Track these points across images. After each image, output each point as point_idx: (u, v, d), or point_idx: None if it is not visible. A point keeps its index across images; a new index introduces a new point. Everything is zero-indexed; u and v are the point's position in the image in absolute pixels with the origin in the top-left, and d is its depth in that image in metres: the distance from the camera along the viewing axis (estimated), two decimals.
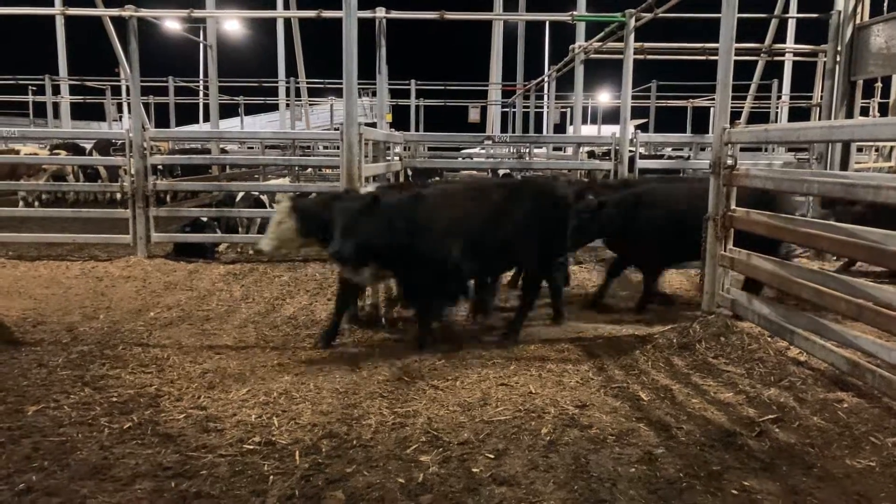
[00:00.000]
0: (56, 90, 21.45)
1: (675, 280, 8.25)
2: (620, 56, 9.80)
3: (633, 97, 10.77)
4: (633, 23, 9.40)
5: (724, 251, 5.69)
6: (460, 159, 17.07)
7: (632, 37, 9.48)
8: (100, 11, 14.13)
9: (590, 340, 5.80)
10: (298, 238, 5.58)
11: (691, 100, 22.53)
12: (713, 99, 18.86)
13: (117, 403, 4.24)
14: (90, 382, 4.59)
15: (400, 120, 21.62)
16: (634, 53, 9.69)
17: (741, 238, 5.68)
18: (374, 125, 9.99)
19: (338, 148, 13.30)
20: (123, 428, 3.89)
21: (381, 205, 5.02)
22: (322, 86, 24.91)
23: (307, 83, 24.83)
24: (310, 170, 16.68)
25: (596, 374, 4.94)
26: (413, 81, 20.76)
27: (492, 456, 3.59)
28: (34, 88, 23.51)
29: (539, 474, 3.40)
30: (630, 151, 9.66)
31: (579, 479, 3.36)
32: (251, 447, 3.69)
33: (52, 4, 12.12)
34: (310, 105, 26.71)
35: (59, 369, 4.85)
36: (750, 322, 5.43)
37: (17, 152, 13.43)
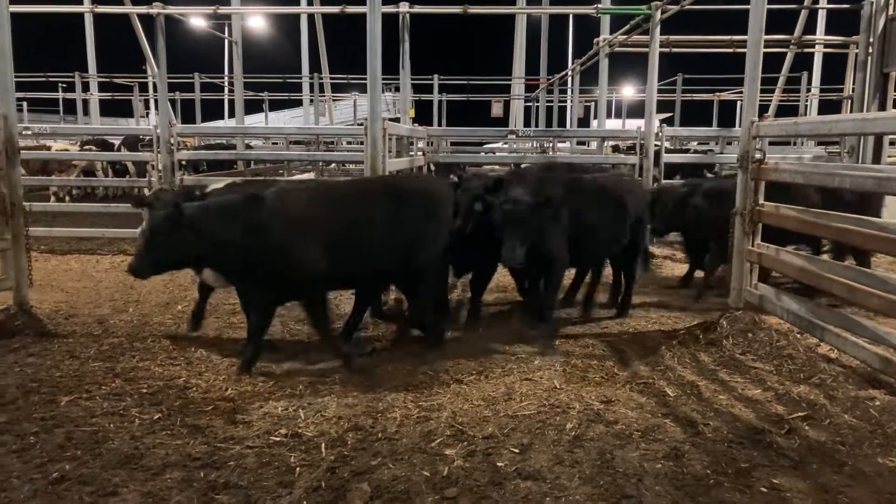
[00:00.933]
0: (85, 87, 21.82)
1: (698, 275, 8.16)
2: (645, 49, 9.69)
3: (659, 91, 10.64)
4: (658, 15, 9.28)
5: (752, 246, 5.61)
6: (483, 154, 17.05)
7: (657, 30, 9.36)
8: (128, 9, 14.33)
9: (614, 336, 5.76)
10: None
11: (718, 93, 22.21)
12: (740, 92, 18.49)
13: (147, 395, 4.31)
14: (121, 374, 4.67)
15: (422, 115, 21.61)
16: (660, 47, 9.57)
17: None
18: (397, 120, 10.01)
19: (361, 143, 13.30)
20: (153, 419, 3.96)
21: (187, 211, 4.38)
22: (345, 81, 25.04)
23: (330, 79, 24.96)
24: (333, 165, 16.78)
25: (621, 369, 4.91)
26: (436, 76, 20.73)
27: (516, 450, 3.59)
28: (64, 86, 23.94)
29: (564, 469, 3.40)
30: (655, 145, 9.56)
31: (605, 474, 3.34)
32: (278, 439, 3.73)
33: (81, 2, 12.30)
34: (333, 101, 26.85)
35: (90, 361, 4.95)
36: (778, 318, 5.35)
37: (49, 148, 13.69)
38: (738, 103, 21.42)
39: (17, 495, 3.11)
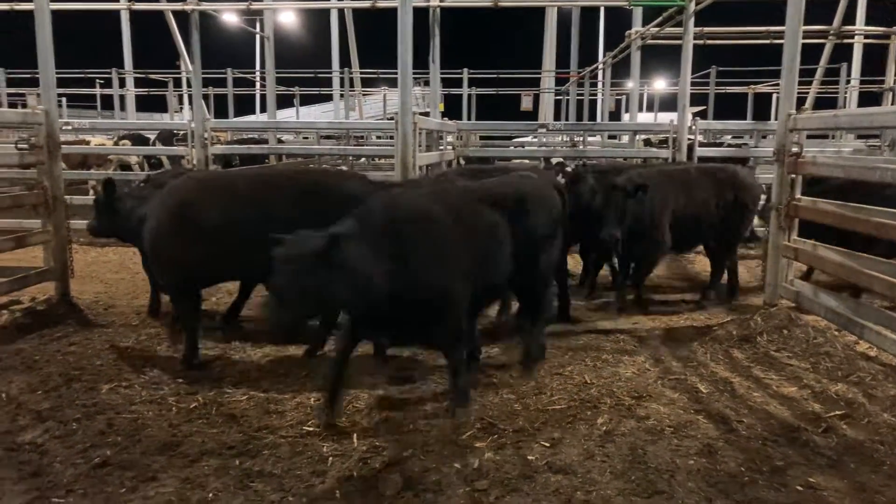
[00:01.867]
0: (121, 83, 22.25)
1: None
2: (678, 42, 9.54)
3: (691, 83, 10.46)
4: (692, 7, 9.12)
5: (788, 241, 5.51)
6: (512, 148, 16.96)
7: (691, 21, 9.21)
8: (163, 6, 14.56)
9: (646, 331, 5.71)
10: None
11: (752, 86, 21.74)
12: (776, 84, 18.07)
13: (184, 384, 4.41)
14: (158, 363, 4.78)
15: (451, 109, 21.60)
16: (694, 38, 9.41)
17: None
18: (426, 115, 10.01)
19: (390, 138, 13.35)
20: (190, 407, 4.05)
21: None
22: (375, 76, 25.09)
23: (360, 73, 25.05)
24: (363, 159, 16.86)
25: (652, 365, 4.87)
26: (465, 70, 20.66)
27: (547, 444, 3.59)
28: (101, 81, 24.41)
29: (595, 464, 3.39)
30: (689, 139, 9.42)
31: (636, 469, 3.33)
32: (310, 429, 3.79)
33: (118, 0, 12.54)
34: (363, 95, 26.96)
35: (129, 350, 5.07)
36: (815, 315, 5.25)
37: (88, 143, 14.01)
38: (774, 96, 20.97)
39: (61, 479, 3.22)
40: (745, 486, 3.18)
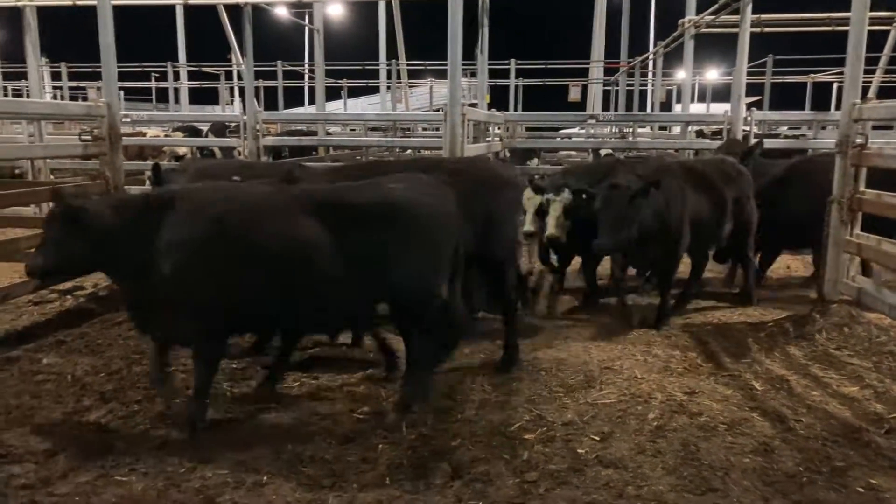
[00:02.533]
0: (175, 76, 22.84)
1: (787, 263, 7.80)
2: (734, 30, 9.26)
3: (746, 73, 10.13)
4: None
5: (850, 236, 5.31)
6: (559, 139, 16.78)
7: (749, 8, 8.92)
8: (217, 0, 14.86)
9: (697, 326, 5.59)
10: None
11: (812, 75, 20.96)
12: (837, 74, 17.38)
13: (237, 370, 4.52)
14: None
15: (498, 100, 21.45)
16: (751, 26, 9.12)
17: None
18: (474, 106, 9.98)
19: (436, 129, 13.25)
20: (243, 392, 4.15)
21: None
22: (422, 67, 25.11)
23: (407, 65, 25.11)
24: (409, 151, 16.93)
25: (705, 360, 4.78)
26: (513, 61, 20.51)
27: (597, 438, 3.56)
28: (157, 75, 25.10)
29: (646, 459, 3.35)
30: (744, 130, 9.16)
31: (689, 465, 3.27)
32: (360, 416, 3.84)
33: None
34: (409, 87, 27.03)
35: None
36: (879, 313, 5.05)
37: (145, 135, 14.43)
38: (834, 85, 20.18)
39: (124, 459, 3.34)
40: (803, 487, 3.10)
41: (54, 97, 21.70)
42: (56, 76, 22.54)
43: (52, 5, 12.29)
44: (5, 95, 20.51)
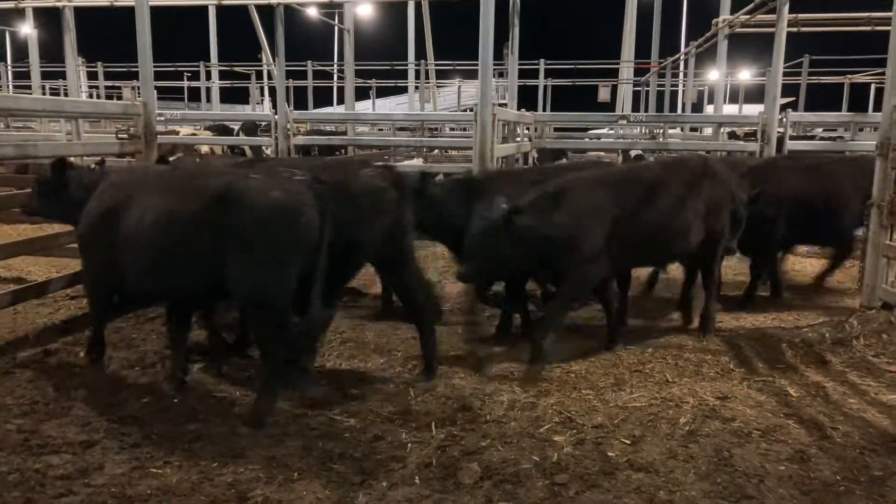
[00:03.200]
0: (208, 76, 23.19)
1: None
2: (769, 30, 9.10)
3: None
4: None
5: (891, 241, 5.19)
6: (588, 140, 16.65)
7: (786, 8, 8.76)
8: (249, 0, 15.04)
9: (729, 331, 5.50)
10: None
11: (849, 76, 20.51)
12: (875, 74, 16.95)
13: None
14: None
15: (526, 100, 21.38)
16: (788, 26, 8.94)
17: None
18: (504, 106, 9.95)
19: (464, 129, 13.21)
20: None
21: None
22: (450, 67, 25.13)
23: (435, 65, 25.15)
24: (437, 151, 16.96)
25: (737, 365, 4.70)
26: (542, 61, 20.42)
27: (627, 441, 3.53)
28: (189, 74, 25.51)
29: (678, 463, 3.31)
30: (778, 132, 8.99)
31: (722, 472, 3.23)
32: (389, 415, 3.85)
33: None
34: (437, 87, 27.07)
35: (220, 332, 5.27)
36: None
37: (177, 133, 14.67)
38: (872, 87, 19.74)
39: (158, 451, 3.40)
40: (840, 496, 3.04)
41: (90, 96, 22.18)
42: (92, 76, 23.04)
43: (91, 6, 12.56)
44: (43, 94, 21.01)
